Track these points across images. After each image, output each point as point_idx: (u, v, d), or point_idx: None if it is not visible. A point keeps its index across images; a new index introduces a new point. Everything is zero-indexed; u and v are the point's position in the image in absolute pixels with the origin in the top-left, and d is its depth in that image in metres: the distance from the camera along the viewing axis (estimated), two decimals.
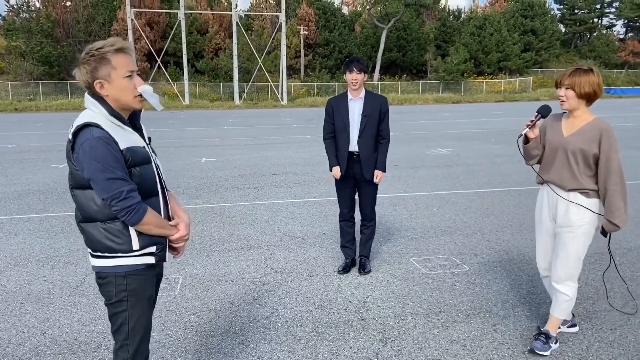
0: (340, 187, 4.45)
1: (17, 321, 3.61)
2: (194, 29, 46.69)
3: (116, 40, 1.98)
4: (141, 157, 2.03)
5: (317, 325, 3.49)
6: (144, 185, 2.03)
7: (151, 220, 2.01)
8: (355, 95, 4.23)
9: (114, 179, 1.89)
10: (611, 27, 63.22)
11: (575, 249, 2.93)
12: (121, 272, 2.04)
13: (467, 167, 9.89)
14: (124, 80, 1.97)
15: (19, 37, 43.34)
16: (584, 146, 2.84)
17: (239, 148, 13.35)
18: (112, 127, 1.96)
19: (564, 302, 3.01)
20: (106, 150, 1.89)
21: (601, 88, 2.85)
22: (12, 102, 36.20)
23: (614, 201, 2.80)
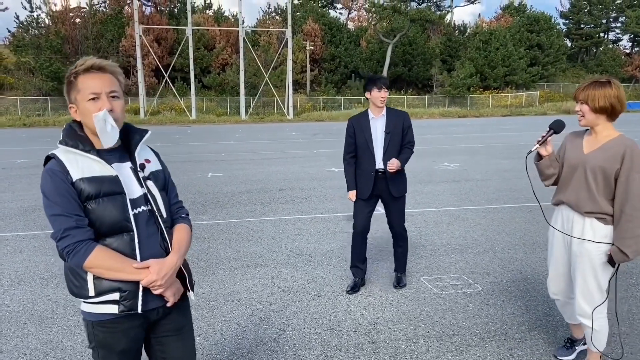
0: (359, 205, 4.34)
1: (19, 342, 3.53)
2: (201, 44, 47.12)
3: (87, 59, 1.80)
4: (99, 188, 1.77)
5: (326, 349, 3.38)
6: (104, 220, 1.77)
7: (100, 263, 1.74)
8: (377, 113, 4.18)
9: (56, 215, 1.73)
10: (617, 42, 63.21)
11: (594, 280, 2.72)
12: (89, 319, 1.85)
13: (475, 182, 9.78)
14: (87, 103, 1.77)
15: (28, 53, 43.92)
16: (605, 164, 2.62)
17: (245, 163, 13.31)
18: (68, 155, 1.79)
19: (595, 335, 2.83)
20: (51, 183, 1.73)
21: (621, 101, 2.63)
22: (21, 117, 36.51)
23: (629, 228, 2.55)
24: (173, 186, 2.10)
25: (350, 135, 4.26)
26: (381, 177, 4.20)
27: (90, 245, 1.74)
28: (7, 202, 8.47)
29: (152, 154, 2.04)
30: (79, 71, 1.77)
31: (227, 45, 48.77)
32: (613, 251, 2.64)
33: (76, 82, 1.78)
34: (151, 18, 48.55)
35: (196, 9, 52.40)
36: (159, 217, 1.90)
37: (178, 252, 1.92)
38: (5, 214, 7.60)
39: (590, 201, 2.68)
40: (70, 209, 1.73)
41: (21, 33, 47.39)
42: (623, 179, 2.58)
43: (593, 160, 2.68)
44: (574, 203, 2.76)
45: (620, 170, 2.59)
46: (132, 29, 41.61)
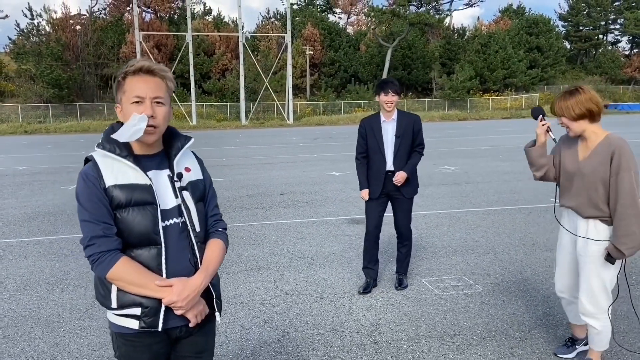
0: (370, 206, 4.43)
1: (26, 346, 3.58)
2: (201, 50, 47.30)
3: (138, 60, 1.77)
4: (130, 196, 1.70)
5: (329, 349, 3.43)
6: (132, 231, 1.70)
7: (122, 276, 1.67)
8: (388, 117, 4.27)
9: (85, 221, 1.68)
10: (616, 44, 63.39)
11: (598, 280, 2.77)
12: (113, 330, 1.81)
13: (476, 184, 9.83)
14: (131, 106, 1.72)
15: (29, 61, 44.08)
16: (600, 169, 2.68)
17: (246, 168, 13.37)
18: (106, 159, 1.73)
19: (596, 335, 2.88)
20: (84, 188, 1.69)
21: (595, 102, 2.68)
22: (22, 124, 36.62)
23: (621, 225, 2.62)
24: (213, 196, 1.99)
25: (362, 136, 4.36)
26: (390, 178, 4.27)
27: (114, 256, 1.68)
28: (11, 209, 8.54)
29: (195, 161, 1.94)
30: (129, 72, 1.73)
31: (227, 51, 48.94)
32: (609, 249, 2.70)
33: (124, 82, 1.74)
34: (151, 24, 48.79)
35: (196, 15, 52.64)
36: (192, 230, 1.81)
37: (205, 272, 1.80)
38: (9, 220, 7.66)
39: (590, 207, 2.75)
40: (99, 216, 1.67)
41: (22, 40, 47.62)
42: (613, 178, 2.65)
43: (588, 167, 2.73)
44: (576, 208, 2.84)
45: (610, 171, 2.65)
46: (132, 36, 41.80)
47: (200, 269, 1.80)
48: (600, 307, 2.81)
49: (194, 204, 1.83)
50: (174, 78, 1.82)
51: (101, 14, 53.49)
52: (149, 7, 53.15)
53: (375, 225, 4.45)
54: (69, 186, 10.85)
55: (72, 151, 19.83)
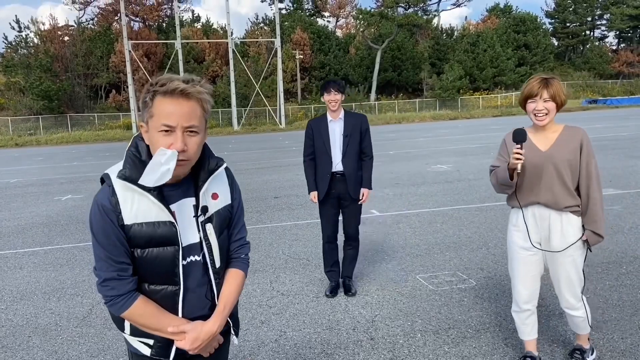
0: (324, 209, 4.40)
1: (25, 355, 3.60)
2: (190, 57, 47.33)
3: (173, 78, 1.50)
4: (150, 238, 1.55)
5: (326, 347, 3.47)
6: (151, 270, 1.60)
7: (136, 319, 1.60)
8: (334, 116, 4.26)
9: (99, 256, 1.55)
10: (603, 39, 64.02)
11: (577, 271, 2.80)
12: (129, 349, 1.74)
13: (468, 182, 9.91)
14: (159, 134, 1.49)
15: (18, 73, 43.95)
16: (569, 156, 2.67)
17: (239, 173, 13.39)
18: (125, 189, 1.53)
19: (581, 322, 2.92)
20: (100, 221, 1.52)
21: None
22: (13, 137, 36.48)
23: (595, 210, 2.67)
24: (240, 218, 1.83)
25: (309, 137, 4.34)
26: (340, 179, 4.26)
27: (129, 299, 1.57)
28: (4, 221, 8.52)
29: (225, 183, 1.76)
30: (158, 92, 1.49)
31: (217, 57, 49.00)
32: (588, 235, 2.73)
33: (152, 104, 1.50)
34: (140, 33, 48.76)
35: (184, 23, 52.68)
36: (211, 267, 1.68)
37: (221, 315, 1.69)
38: (3, 232, 7.64)
39: (567, 195, 2.71)
40: (116, 254, 1.53)
41: (10, 53, 47.49)
42: (584, 166, 2.68)
43: (558, 155, 2.69)
44: (551, 201, 2.73)
45: (581, 159, 2.69)
46: (121, 45, 41.77)
47: (216, 311, 1.69)
48: (579, 296, 2.85)
49: (216, 239, 1.68)
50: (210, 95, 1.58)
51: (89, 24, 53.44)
52: (137, 15, 53.14)
53: (332, 228, 4.42)
54: (62, 197, 10.83)
55: (64, 162, 19.77)
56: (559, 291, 2.89)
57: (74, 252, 6.29)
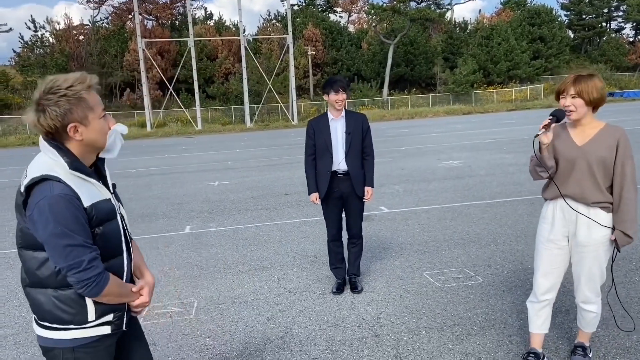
0: (328, 209, 4.42)
1: (37, 351, 3.68)
2: (203, 55, 47.59)
3: (84, 75, 1.72)
4: (106, 213, 1.76)
5: (331, 344, 3.49)
6: (108, 245, 1.77)
7: (112, 291, 1.74)
8: (336, 115, 4.25)
9: (73, 245, 1.62)
10: (620, 31, 62.98)
11: (599, 267, 2.80)
12: (68, 346, 1.77)
13: (479, 178, 9.85)
14: (100, 121, 1.75)
15: (34, 73, 44.61)
16: (604, 154, 2.68)
17: (251, 170, 13.47)
18: (74, 179, 1.68)
19: (593, 318, 2.93)
20: (67, 211, 1.62)
21: (605, 93, 2.74)
22: (30, 136, 37.00)
23: (628, 210, 2.67)
24: None
25: (310, 137, 4.32)
26: (343, 179, 4.27)
27: (105, 274, 1.71)
28: None
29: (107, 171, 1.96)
30: (84, 88, 1.70)
31: (230, 55, 49.19)
32: (617, 235, 2.72)
33: (87, 99, 1.70)
34: (153, 31, 49.15)
35: (197, 20, 52.92)
36: (128, 233, 1.93)
37: (148, 269, 2.02)
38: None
39: (596, 191, 2.73)
40: (87, 237, 1.67)
41: (26, 53, 48.17)
42: (619, 165, 2.68)
43: (592, 151, 2.71)
44: (579, 195, 2.77)
45: (616, 158, 2.69)
46: (135, 44, 42.11)
47: (145, 267, 2.02)
48: (597, 292, 2.86)
49: (123, 209, 1.96)
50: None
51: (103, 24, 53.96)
52: (151, 14, 53.54)
53: (336, 226, 4.45)
54: None
55: None
56: (578, 284, 2.89)
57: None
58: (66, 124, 1.68)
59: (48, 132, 1.70)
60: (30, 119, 1.70)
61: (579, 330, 3.07)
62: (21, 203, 1.68)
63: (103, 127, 1.77)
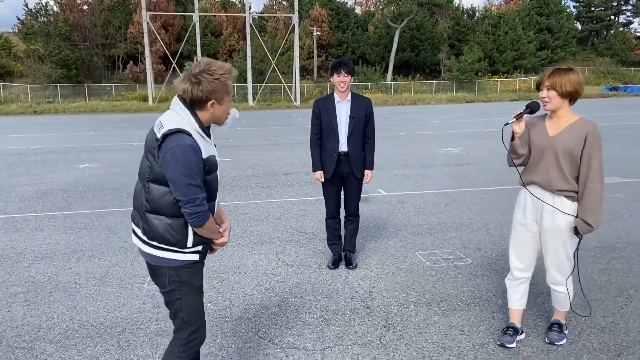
0: (327, 187, 4.58)
1: (46, 308, 3.90)
2: (208, 31, 47.30)
3: (232, 68, 2.21)
4: (213, 166, 2.24)
5: (325, 313, 3.71)
6: (210, 190, 2.24)
7: (209, 226, 2.22)
8: (342, 97, 4.38)
9: (193, 185, 2.09)
10: (628, 25, 62.59)
11: (565, 251, 2.99)
12: (173, 265, 2.25)
13: (477, 166, 10.03)
14: (230, 104, 2.27)
15: (37, 41, 44.35)
16: (572, 145, 2.86)
17: (252, 148, 13.63)
18: (198, 137, 2.15)
19: (564, 298, 3.14)
20: (193, 157, 2.08)
21: (582, 87, 2.89)
22: (32, 104, 37.03)
23: (590, 200, 2.83)
24: None
25: (317, 117, 4.45)
26: (344, 159, 4.42)
27: (208, 212, 2.19)
28: (25, 186, 8.87)
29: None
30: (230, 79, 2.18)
31: (234, 32, 48.89)
32: (578, 223, 2.91)
33: (229, 86, 2.20)
34: (158, 5, 48.69)
35: None
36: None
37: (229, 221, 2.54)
38: (24, 197, 7.99)
39: (561, 179, 2.92)
40: (201, 181, 2.14)
41: (30, 21, 47.80)
42: (586, 157, 2.85)
43: (561, 142, 2.90)
44: (545, 182, 2.98)
45: (583, 150, 2.85)
46: (139, 16, 41.85)
47: (223, 214, 2.52)
48: (566, 274, 3.06)
49: None
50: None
51: None
52: None
53: (335, 204, 4.63)
54: (80, 165, 11.18)
55: (82, 131, 20.17)
56: (547, 267, 3.11)
57: (92, 218, 6.61)
58: (210, 99, 2.16)
59: (192, 99, 2.15)
60: (184, 85, 2.13)
61: (555, 309, 3.29)
62: (156, 147, 2.12)
63: (228, 108, 2.27)
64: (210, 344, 3.30)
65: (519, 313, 3.26)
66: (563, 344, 3.17)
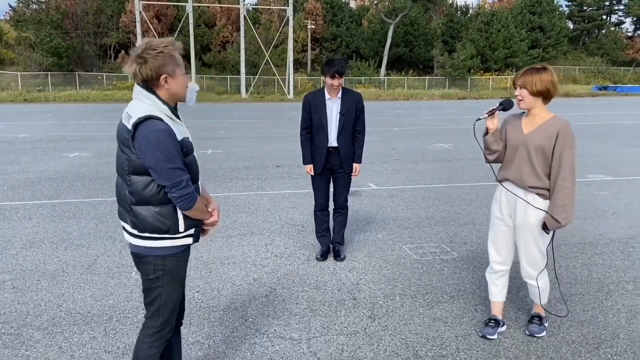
0: (316, 180, 4.62)
1: (34, 296, 3.91)
2: (201, 21, 46.97)
3: (174, 41, 2.19)
4: (190, 147, 2.24)
5: (312, 303, 3.76)
6: (192, 173, 2.23)
7: (198, 207, 2.23)
8: (333, 95, 4.40)
9: (174, 168, 2.09)
10: (620, 25, 62.94)
11: (537, 247, 3.05)
12: (161, 254, 2.25)
13: (466, 161, 10.11)
14: (184, 76, 2.21)
15: (28, 29, 43.79)
16: (543, 142, 2.90)
17: (244, 140, 13.63)
18: (168, 120, 2.14)
19: (541, 292, 3.20)
20: (169, 142, 2.08)
21: (555, 86, 2.93)
22: (22, 92, 36.62)
23: (559, 197, 2.87)
24: None
25: (307, 111, 4.47)
26: (334, 153, 4.47)
27: (195, 193, 2.21)
28: (14, 174, 8.82)
29: None
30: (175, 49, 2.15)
31: (228, 23, 48.60)
32: (546, 218, 2.97)
33: (176, 57, 2.15)
34: None
35: None
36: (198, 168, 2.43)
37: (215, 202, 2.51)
38: (13, 185, 7.95)
39: (533, 176, 2.98)
40: (182, 163, 2.14)
41: (22, 8, 47.19)
42: (557, 154, 2.90)
43: (533, 139, 2.96)
44: (518, 179, 3.04)
45: (554, 147, 2.90)
46: (132, 5, 41.47)
47: (208, 196, 2.49)
48: (539, 268, 3.12)
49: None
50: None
51: None
52: None
53: (324, 197, 4.67)
54: (69, 154, 11.12)
55: (72, 120, 20.02)
56: (521, 261, 3.18)
57: (81, 207, 6.60)
58: (160, 74, 2.12)
59: (144, 80, 2.13)
60: (132, 68, 2.11)
61: (534, 303, 3.36)
62: (129, 137, 2.10)
63: (184, 82, 2.23)
64: (197, 333, 3.34)
65: (500, 305, 3.33)
66: (543, 336, 3.24)
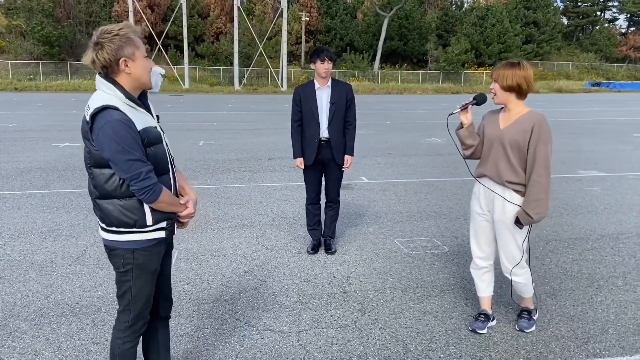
0: (308, 173, 4.59)
1: (22, 286, 3.87)
2: (195, 12, 46.54)
3: (130, 23, 2.12)
4: (154, 137, 2.14)
5: (302, 296, 3.75)
6: (158, 164, 2.15)
7: (165, 199, 2.14)
8: (322, 83, 4.38)
9: (133, 160, 2.00)
10: (614, 21, 63.18)
11: (514, 241, 3.05)
12: (130, 248, 2.18)
13: (458, 156, 10.12)
14: (145, 59, 2.10)
15: (19, 16, 43.18)
16: (518, 137, 2.90)
17: (236, 132, 13.56)
18: (128, 109, 2.05)
19: (523, 287, 3.20)
20: (126, 132, 1.99)
21: (528, 80, 2.90)
22: (12, 81, 36.20)
23: (533, 192, 2.86)
24: None
25: (297, 103, 4.45)
26: (325, 146, 4.44)
27: (159, 185, 2.12)
28: (3, 164, 8.72)
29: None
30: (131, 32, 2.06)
31: (222, 14, 48.21)
32: (519, 213, 2.95)
33: (134, 40, 2.06)
34: None
35: None
36: (172, 158, 2.34)
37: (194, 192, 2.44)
38: (2, 174, 7.86)
39: (509, 171, 2.96)
40: (142, 154, 2.05)
41: None
42: (532, 149, 2.88)
43: (508, 134, 2.95)
44: (495, 174, 3.03)
45: (529, 142, 2.89)
46: None
47: (187, 186, 2.42)
48: (517, 263, 3.10)
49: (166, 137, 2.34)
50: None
51: None
52: None
53: (315, 190, 4.65)
54: (60, 144, 11.01)
55: (63, 110, 19.81)
56: (499, 256, 3.18)
57: (70, 197, 6.53)
58: (119, 57, 2.03)
59: (103, 67, 2.05)
60: (89, 56, 2.04)
61: (519, 298, 3.37)
62: (88, 129, 2.04)
63: (147, 65, 2.12)
64: (186, 325, 3.32)
65: (488, 300, 3.34)
66: (532, 331, 3.25)
